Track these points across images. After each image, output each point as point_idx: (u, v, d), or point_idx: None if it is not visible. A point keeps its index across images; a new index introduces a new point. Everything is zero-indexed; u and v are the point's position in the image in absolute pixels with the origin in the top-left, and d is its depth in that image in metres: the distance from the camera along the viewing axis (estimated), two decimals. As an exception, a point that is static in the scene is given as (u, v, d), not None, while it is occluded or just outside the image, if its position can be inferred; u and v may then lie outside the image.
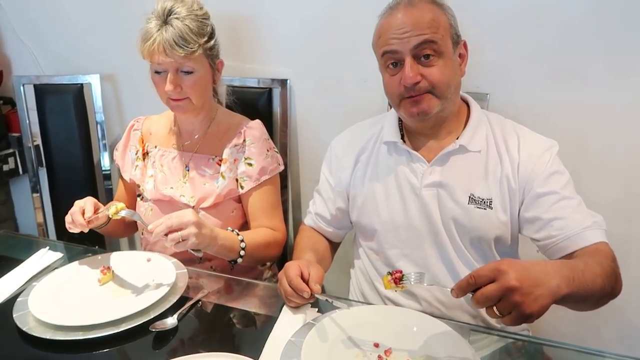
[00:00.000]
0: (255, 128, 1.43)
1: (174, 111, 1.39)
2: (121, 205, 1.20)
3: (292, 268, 1.08)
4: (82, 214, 1.20)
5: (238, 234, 1.26)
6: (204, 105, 1.40)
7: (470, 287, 0.79)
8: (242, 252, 1.24)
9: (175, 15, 1.25)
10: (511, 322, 0.77)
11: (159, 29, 1.24)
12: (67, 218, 1.22)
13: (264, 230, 1.39)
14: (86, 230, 1.22)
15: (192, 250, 1.13)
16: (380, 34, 1.13)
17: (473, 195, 1.14)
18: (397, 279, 0.92)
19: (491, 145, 1.16)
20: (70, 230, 1.22)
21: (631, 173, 1.45)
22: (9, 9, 2.13)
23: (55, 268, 1.25)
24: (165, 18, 1.25)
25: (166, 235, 1.08)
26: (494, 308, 0.78)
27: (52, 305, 1.08)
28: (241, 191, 1.40)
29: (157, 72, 1.30)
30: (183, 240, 1.09)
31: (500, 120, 1.22)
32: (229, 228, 1.28)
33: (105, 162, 2.07)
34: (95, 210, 1.23)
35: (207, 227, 1.15)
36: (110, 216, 1.19)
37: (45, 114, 2.05)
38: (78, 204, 1.23)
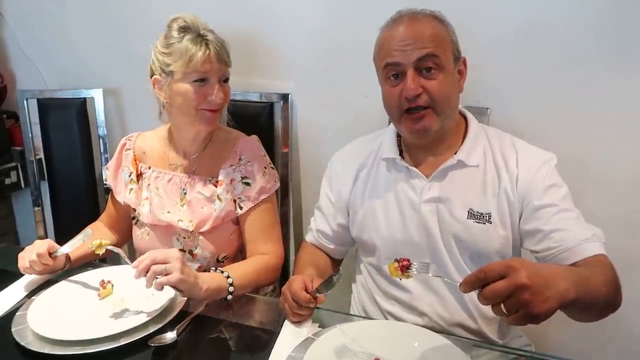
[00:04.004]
0: (251, 145, 1.40)
1: (202, 124, 1.31)
2: (106, 241, 1.20)
3: (296, 282, 1.07)
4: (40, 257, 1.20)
5: (222, 272, 1.19)
6: None
7: (479, 282, 0.77)
8: (230, 289, 1.17)
9: (206, 30, 1.27)
10: (517, 322, 0.76)
11: (202, 40, 1.24)
12: (25, 264, 1.21)
13: (255, 258, 1.34)
14: (51, 264, 1.21)
15: (175, 289, 1.08)
16: (382, 46, 1.14)
17: (472, 210, 1.14)
18: (404, 267, 0.91)
19: (489, 159, 1.16)
20: (28, 272, 1.23)
21: (633, 187, 1.45)
22: (15, 25, 2.16)
23: (55, 282, 1.25)
24: (199, 32, 1.25)
25: (147, 272, 1.05)
26: (501, 305, 0.76)
27: (50, 320, 1.07)
28: (239, 212, 1.35)
29: (197, 81, 1.25)
30: (166, 275, 1.04)
31: (498, 134, 1.22)
32: (212, 268, 1.22)
33: (104, 178, 2.07)
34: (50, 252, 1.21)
35: (191, 271, 1.10)
36: (93, 249, 1.18)
37: (48, 128, 2.06)
38: (31, 248, 1.22)
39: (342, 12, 1.62)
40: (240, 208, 1.36)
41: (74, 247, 1.23)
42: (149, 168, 1.44)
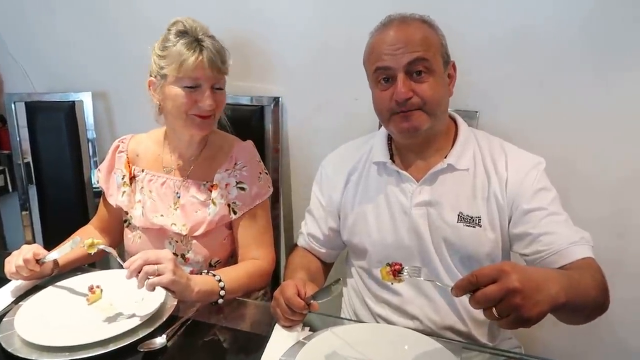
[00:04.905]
0: (246, 150, 1.40)
1: (194, 129, 1.31)
2: (98, 240, 1.18)
3: (288, 287, 1.07)
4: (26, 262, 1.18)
5: (214, 275, 1.19)
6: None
7: (471, 286, 0.77)
8: (222, 292, 1.16)
9: (203, 35, 1.26)
10: (508, 325, 0.76)
11: (197, 46, 1.24)
12: (11, 269, 1.19)
13: (247, 263, 1.34)
14: (37, 269, 1.20)
15: (167, 290, 1.07)
16: (372, 50, 1.15)
17: (462, 214, 1.14)
18: (396, 271, 0.91)
19: (479, 163, 1.17)
20: (14, 277, 1.21)
21: (620, 189, 1.47)
22: (2, 27, 2.14)
23: (43, 287, 1.23)
24: (197, 37, 1.25)
25: (139, 273, 1.04)
26: (493, 309, 0.76)
27: (38, 326, 1.06)
28: (233, 217, 1.36)
29: (188, 87, 1.26)
30: (158, 275, 1.04)
31: (488, 137, 1.23)
32: (204, 272, 1.22)
33: (96, 180, 2.06)
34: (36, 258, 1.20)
35: (183, 273, 1.09)
36: (86, 248, 1.17)
37: (36, 131, 2.04)
38: (18, 254, 1.20)
39: (333, 15, 1.62)
40: (235, 213, 1.35)
41: (62, 254, 1.22)
42: (143, 171, 1.44)
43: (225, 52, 1.31)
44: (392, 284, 0.92)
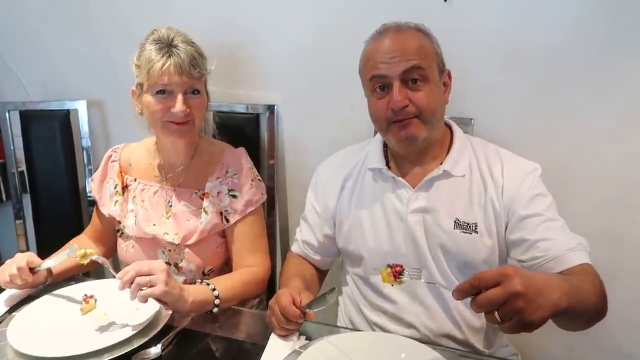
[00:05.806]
0: (238, 157, 1.40)
1: (172, 136, 1.30)
2: (90, 250, 1.17)
3: (284, 296, 1.06)
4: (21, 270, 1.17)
5: (208, 284, 1.17)
6: (198, 130, 1.38)
7: (472, 289, 0.76)
8: (216, 302, 1.16)
9: (179, 41, 1.25)
10: (510, 330, 0.75)
11: (167, 52, 1.23)
12: (4, 278, 1.18)
13: (242, 271, 1.33)
14: (30, 279, 1.19)
15: (159, 302, 1.06)
16: (368, 59, 1.15)
17: (458, 220, 1.14)
18: (397, 272, 0.90)
19: (475, 169, 1.17)
20: (8, 286, 1.20)
21: (616, 197, 1.47)
22: (-4, 35, 2.14)
23: (37, 297, 1.22)
24: (170, 43, 1.24)
25: (131, 284, 1.03)
26: (495, 313, 0.75)
27: (32, 336, 1.05)
28: (226, 225, 1.35)
29: (159, 93, 1.25)
30: (150, 287, 1.03)
31: (483, 144, 1.23)
32: (198, 281, 1.20)
33: (89, 190, 2.05)
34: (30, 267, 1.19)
35: (176, 283, 1.08)
36: (78, 259, 1.15)
37: (31, 140, 2.03)
38: (12, 262, 1.19)
39: (328, 23, 1.63)
40: (227, 221, 1.35)
41: (58, 262, 1.21)
42: (135, 180, 1.43)
43: (200, 57, 1.28)
44: (392, 285, 0.92)
